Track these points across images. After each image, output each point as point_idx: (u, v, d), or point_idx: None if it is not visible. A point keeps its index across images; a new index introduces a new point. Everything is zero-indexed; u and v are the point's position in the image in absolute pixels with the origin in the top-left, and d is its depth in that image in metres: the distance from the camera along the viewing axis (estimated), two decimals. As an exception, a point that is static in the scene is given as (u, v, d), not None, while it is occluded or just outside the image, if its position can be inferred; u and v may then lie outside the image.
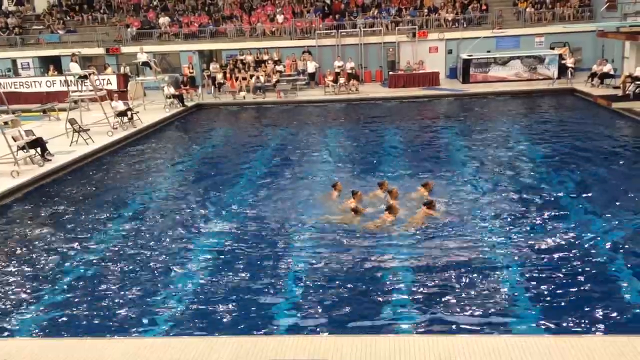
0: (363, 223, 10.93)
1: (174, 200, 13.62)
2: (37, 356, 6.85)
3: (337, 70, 30.02)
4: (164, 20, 35.00)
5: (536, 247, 9.72)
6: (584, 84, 25.81)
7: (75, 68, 22.78)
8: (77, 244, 11.08)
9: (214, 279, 9.22)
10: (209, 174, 16.04)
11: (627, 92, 18.74)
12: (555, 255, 9.38)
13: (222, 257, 10.11)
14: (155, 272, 9.64)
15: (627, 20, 22.80)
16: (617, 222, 10.65)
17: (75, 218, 12.65)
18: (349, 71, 29.96)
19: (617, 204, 11.66)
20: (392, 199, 11.66)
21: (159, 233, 11.43)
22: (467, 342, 6.59)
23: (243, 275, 9.32)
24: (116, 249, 10.74)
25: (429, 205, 11.16)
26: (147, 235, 11.34)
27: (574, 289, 8.28)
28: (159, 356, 6.66)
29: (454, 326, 7.48)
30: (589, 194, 12.38)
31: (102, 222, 12.27)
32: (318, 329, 7.59)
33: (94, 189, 15.04)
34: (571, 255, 9.38)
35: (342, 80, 29.01)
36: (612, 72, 25.02)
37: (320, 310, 8.06)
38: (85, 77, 22.36)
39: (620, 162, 14.90)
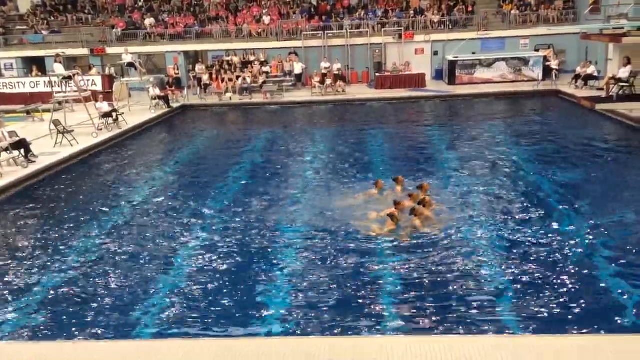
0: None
1: (160, 202, 13.53)
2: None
3: (324, 71, 30.04)
4: (149, 21, 34.80)
5: (522, 247, 9.79)
6: (568, 86, 26.04)
7: (59, 69, 22.59)
8: (61, 246, 10.97)
9: (200, 281, 9.16)
10: (194, 175, 15.96)
11: (610, 94, 18.92)
12: (541, 255, 9.44)
13: (209, 258, 10.05)
14: (141, 274, 9.55)
15: (610, 22, 23.01)
16: (601, 222, 10.72)
17: (60, 220, 12.52)
18: (336, 72, 30.02)
19: (602, 204, 11.77)
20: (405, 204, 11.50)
21: (144, 235, 11.35)
22: (456, 343, 6.60)
23: (230, 276, 9.27)
24: (101, 251, 10.64)
25: (425, 204, 11.16)
26: (133, 238, 11.25)
27: (560, 289, 8.34)
28: (143, 358, 6.60)
29: (441, 327, 7.50)
30: (573, 195, 12.47)
31: (87, 224, 12.14)
32: (305, 331, 7.56)
33: (78, 190, 14.90)
34: (556, 254, 9.44)
35: (328, 81, 29.04)
36: (595, 74, 25.28)
37: (308, 312, 8.03)
38: (70, 78, 22.16)
39: (604, 163, 15.05)
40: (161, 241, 10.97)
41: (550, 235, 10.25)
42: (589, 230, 10.43)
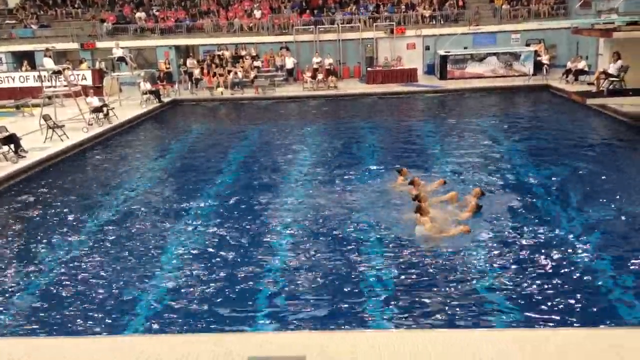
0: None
1: (150, 197, 13.48)
2: (8, 356, 6.74)
3: (316, 66, 30.00)
4: (140, 15, 34.60)
5: (512, 242, 9.82)
6: (559, 81, 26.14)
7: (49, 63, 22.41)
8: (50, 241, 10.92)
9: (192, 276, 9.15)
10: (185, 170, 15.90)
11: (601, 89, 19.00)
12: (530, 249, 9.49)
13: (200, 254, 10.03)
14: (132, 269, 9.52)
15: (601, 17, 23.10)
16: (591, 216, 10.80)
17: (50, 215, 12.45)
18: (327, 67, 29.97)
19: (593, 198, 11.83)
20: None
21: (135, 230, 11.30)
22: (447, 336, 6.64)
23: (222, 272, 9.26)
24: (91, 246, 10.59)
25: (420, 200, 11.15)
26: (123, 233, 11.20)
27: (549, 283, 8.38)
28: (135, 354, 6.59)
29: (432, 321, 7.53)
30: (564, 189, 12.53)
31: (77, 219, 12.09)
32: (297, 326, 7.57)
33: (68, 186, 14.81)
34: (546, 248, 9.48)
35: (320, 76, 29.00)
36: (586, 69, 25.39)
37: (299, 307, 8.05)
38: (60, 72, 22.00)
39: (594, 158, 15.13)
40: (153, 237, 10.93)
41: (539, 228, 10.30)
42: (579, 223, 10.50)
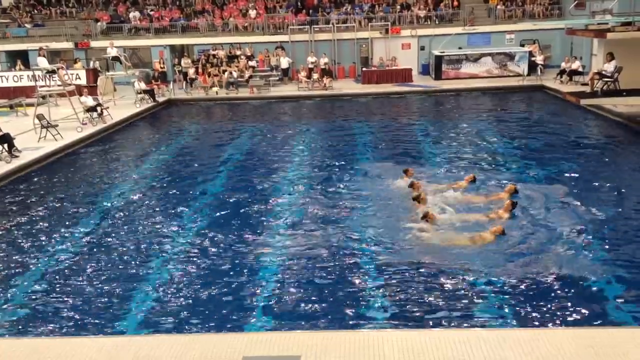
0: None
1: (144, 198, 13.45)
2: (6, 356, 6.71)
3: (311, 66, 29.97)
4: (134, 14, 34.49)
5: (506, 241, 9.82)
6: (553, 81, 26.21)
7: (43, 62, 22.31)
8: (44, 242, 10.88)
9: (185, 277, 9.13)
10: (180, 170, 15.88)
11: (595, 89, 19.05)
12: (524, 249, 9.52)
13: (194, 254, 10.02)
14: (126, 270, 9.50)
15: (595, 18, 23.15)
16: (585, 216, 10.83)
17: (43, 216, 12.40)
18: (323, 67, 29.95)
19: (587, 197, 11.85)
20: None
21: (128, 231, 11.28)
22: (440, 336, 6.65)
23: (216, 272, 9.25)
24: (84, 247, 10.57)
25: (419, 201, 11.17)
26: (116, 234, 11.18)
27: (544, 283, 8.41)
28: (131, 354, 6.57)
29: (427, 321, 7.55)
30: (559, 189, 12.53)
31: (70, 220, 12.05)
32: (293, 326, 7.56)
33: (62, 186, 14.76)
34: (540, 248, 9.51)
35: (315, 76, 28.99)
36: (580, 69, 25.45)
37: (294, 307, 8.05)
38: (54, 71, 21.91)
39: (588, 158, 15.19)
40: (147, 236, 10.91)
41: (533, 227, 10.32)
42: (573, 223, 10.51)
